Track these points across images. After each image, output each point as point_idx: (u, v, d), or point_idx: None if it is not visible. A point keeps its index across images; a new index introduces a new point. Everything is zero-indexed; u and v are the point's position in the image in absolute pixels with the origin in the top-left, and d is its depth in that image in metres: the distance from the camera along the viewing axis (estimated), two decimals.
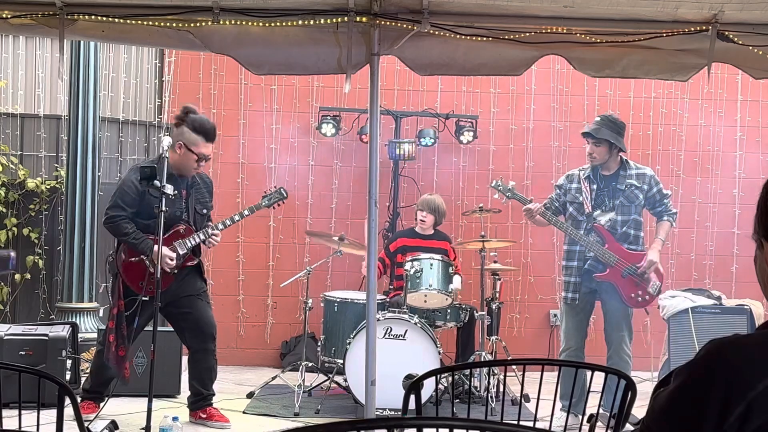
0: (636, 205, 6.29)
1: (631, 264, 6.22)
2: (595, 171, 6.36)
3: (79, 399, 5.92)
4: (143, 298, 5.69)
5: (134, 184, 5.90)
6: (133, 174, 5.97)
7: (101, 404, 6.03)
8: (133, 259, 5.93)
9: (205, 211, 6.23)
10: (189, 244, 6.03)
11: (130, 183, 5.94)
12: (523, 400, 6.69)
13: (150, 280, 5.80)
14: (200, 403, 6.21)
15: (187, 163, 6.01)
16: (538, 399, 3.09)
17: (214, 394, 6.29)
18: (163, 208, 5.35)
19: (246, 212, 6.28)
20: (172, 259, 5.91)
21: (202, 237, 6.07)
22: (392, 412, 6.10)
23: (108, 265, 6.16)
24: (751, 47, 4.86)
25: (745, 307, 7.28)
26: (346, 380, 6.56)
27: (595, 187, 6.33)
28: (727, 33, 4.82)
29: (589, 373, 3.27)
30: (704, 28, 4.82)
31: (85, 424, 3.12)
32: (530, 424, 2.21)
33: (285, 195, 6.42)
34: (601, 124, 6.28)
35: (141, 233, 5.91)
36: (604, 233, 6.25)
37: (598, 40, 4.92)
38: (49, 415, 3.15)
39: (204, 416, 6.17)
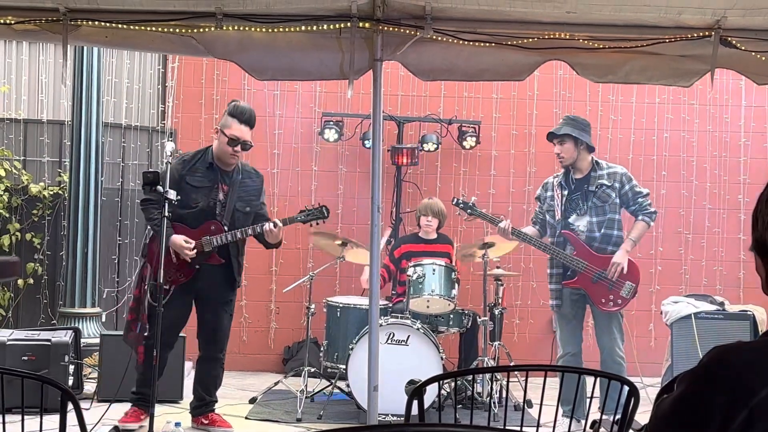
0: (610, 204, 6.25)
1: (602, 269, 6.19)
2: (567, 176, 6.36)
3: (129, 405, 5.96)
4: (167, 287, 5.61)
5: (174, 173, 5.78)
6: (176, 162, 5.89)
7: (148, 411, 5.72)
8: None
9: (248, 209, 6.03)
10: (215, 243, 5.85)
11: (171, 171, 5.79)
12: (525, 406, 6.71)
13: (175, 270, 5.80)
14: (202, 408, 6.20)
15: (222, 148, 5.89)
16: (541, 405, 3.09)
17: (216, 401, 6.29)
18: (166, 214, 5.35)
19: (279, 223, 5.92)
20: (190, 249, 5.78)
21: (230, 238, 5.87)
22: (395, 418, 6.10)
23: (142, 248, 6.11)
24: (753, 53, 4.86)
25: (748, 313, 7.27)
26: (348, 386, 6.56)
27: (566, 192, 6.32)
28: (729, 39, 4.82)
29: (589, 378, 3.26)
30: (707, 33, 4.82)
31: (89, 429, 3.12)
32: (533, 430, 2.21)
33: (326, 214, 6.08)
34: (563, 123, 6.34)
35: (160, 224, 5.76)
36: (573, 239, 6.24)
37: (601, 46, 4.92)
38: (51, 421, 3.14)
39: (206, 422, 6.16)
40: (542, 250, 6.37)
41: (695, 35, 4.83)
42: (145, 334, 5.71)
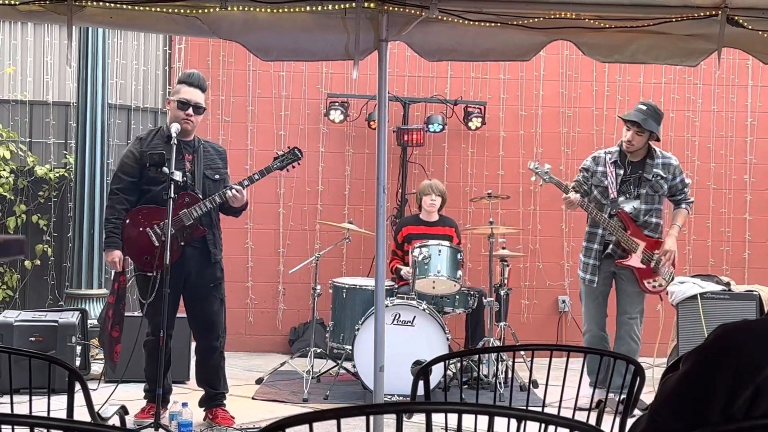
0: (660, 194, 6.34)
1: (650, 251, 6.25)
2: (622, 156, 6.34)
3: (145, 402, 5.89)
4: (152, 275, 5.43)
5: (133, 153, 5.70)
6: (133, 144, 5.83)
7: (167, 405, 5.64)
8: (136, 228, 5.67)
9: (217, 176, 5.81)
10: (194, 214, 5.61)
11: (129, 153, 5.75)
12: (531, 386, 6.72)
13: (160, 253, 5.52)
14: (209, 402, 5.92)
15: (175, 115, 5.68)
16: (546, 385, 3.09)
17: (223, 393, 5.95)
18: (172, 195, 5.32)
19: (256, 176, 5.77)
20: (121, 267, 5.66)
21: (209, 205, 5.64)
22: (401, 398, 6.12)
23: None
24: (760, 32, 4.82)
25: (754, 292, 7.25)
26: (354, 366, 6.57)
27: (621, 172, 6.32)
28: (736, 18, 4.78)
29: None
30: (714, 12, 4.78)
31: (96, 409, 3.13)
32: (539, 410, 2.21)
33: (299, 155, 5.86)
34: (648, 113, 6.22)
35: (118, 230, 5.65)
36: (627, 220, 6.27)
37: (607, 25, 4.89)
38: (59, 401, 3.16)
39: (210, 417, 5.87)
40: (602, 223, 6.27)
41: (702, 14, 4.80)
42: (115, 335, 5.61)
